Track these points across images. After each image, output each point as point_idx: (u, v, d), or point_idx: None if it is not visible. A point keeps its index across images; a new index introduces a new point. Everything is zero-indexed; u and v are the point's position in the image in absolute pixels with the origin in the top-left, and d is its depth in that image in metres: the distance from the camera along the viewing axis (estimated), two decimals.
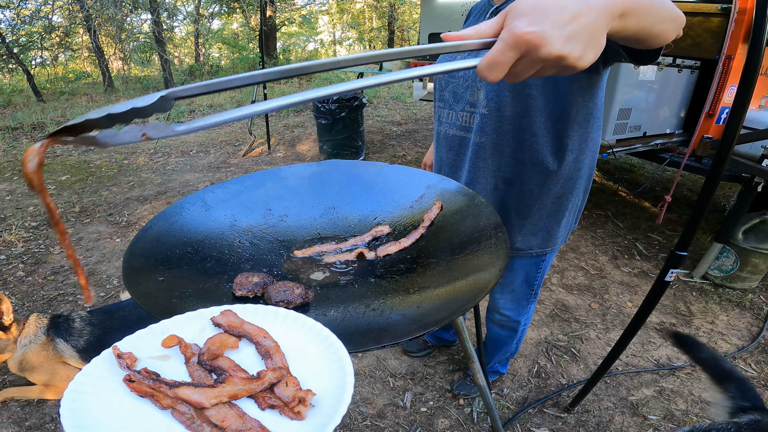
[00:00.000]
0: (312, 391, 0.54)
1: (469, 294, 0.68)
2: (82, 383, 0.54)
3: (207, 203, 1.01)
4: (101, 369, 0.57)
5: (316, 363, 0.59)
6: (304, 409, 0.52)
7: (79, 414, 0.49)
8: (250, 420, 0.51)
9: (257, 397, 0.54)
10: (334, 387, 0.54)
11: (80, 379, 0.54)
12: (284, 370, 0.58)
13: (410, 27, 20.21)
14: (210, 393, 0.53)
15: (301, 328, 0.64)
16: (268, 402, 0.54)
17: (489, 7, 1.21)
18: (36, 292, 2.60)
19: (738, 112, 1.06)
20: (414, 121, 7.17)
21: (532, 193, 1.22)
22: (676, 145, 3.02)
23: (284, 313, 0.66)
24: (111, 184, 4.40)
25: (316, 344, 0.61)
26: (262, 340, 0.62)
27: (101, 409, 0.52)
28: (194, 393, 0.53)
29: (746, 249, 2.55)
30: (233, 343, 0.62)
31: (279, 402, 0.54)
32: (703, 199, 1.17)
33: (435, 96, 1.33)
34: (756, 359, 2.13)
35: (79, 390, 0.53)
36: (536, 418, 1.81)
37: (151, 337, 0.63)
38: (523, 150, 1.16)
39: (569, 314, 2.45)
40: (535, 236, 1.31)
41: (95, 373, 0.56)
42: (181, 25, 16.55)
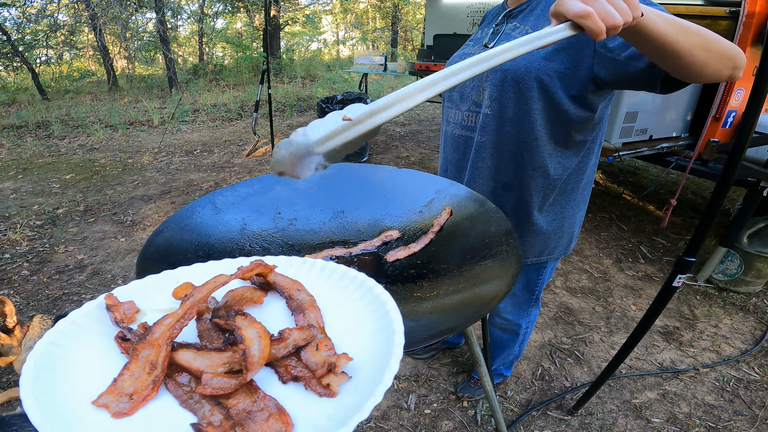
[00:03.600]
0: (348, 355, 0.42)
1: (481, 301, 0.68)
2: (61, 333, 0.43)
3: (217, 206, 1.01)
4: (91, 318, 0.46)
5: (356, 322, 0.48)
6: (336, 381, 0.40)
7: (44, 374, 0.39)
8: (263, 398, 0.40)
9: (278, 366, 0.43)
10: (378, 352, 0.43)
11: (61, 328, 0.43)
12: (317, 329, 0.47)
13: (414, 27, 20.19)
14: (216, 358, 0.42)
15: (341, 280, 0.54)
16: (291, 373, 0.43)
17: (502, 10, 1.21)
18: (41, 291, 2.62)
19: (750, 117, 1.05)
20: (418, 122, 7.17)
21: (531, 200, 1.21)
22: (682, 149, 3.01)
23: (322, 263, 0.56)
24: (115, 183, 4.41)
25: (357, 298, 0.51)
26: (296, 294, 0.52)
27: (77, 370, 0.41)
28: (196, 358, 0.42)
29: (751, 253, 2.55)
30: (258, 297, 0.52)
31: (305, 372, 0.42)
32: (713, 205, 1.16)
33: (444, 96, 1.34)
34: (759, 363, 2.13)
35: (54, 342, 0.42)
36: (540, 420, 1.81)
37: (163, 284, 0.53)
38: (523, 153, 1.15)
39: (573, 317, 2.45)
40: (532, 246, 1.29)
41: (82, 322, 0.46)
42: (185, 24, 16.58)
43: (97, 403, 0.38)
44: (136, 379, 0.40)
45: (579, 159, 1.20)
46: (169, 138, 6.23)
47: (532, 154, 1.15)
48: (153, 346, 0.42)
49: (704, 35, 0.74)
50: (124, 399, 0.39)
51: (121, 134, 6.45)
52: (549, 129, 1.12)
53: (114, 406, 0.38)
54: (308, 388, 0.41)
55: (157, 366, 0.41)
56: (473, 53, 1.21)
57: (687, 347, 2.23)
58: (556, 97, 1.06)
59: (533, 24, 1.07)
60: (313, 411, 0.39)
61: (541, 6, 1.08)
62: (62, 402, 0.38)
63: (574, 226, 1.34)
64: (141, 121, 7.20)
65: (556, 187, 1.21)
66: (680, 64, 0.76)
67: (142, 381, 0.40)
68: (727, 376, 2.05)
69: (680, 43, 0.72)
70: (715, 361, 2.14)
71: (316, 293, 0.52)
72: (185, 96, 9.29)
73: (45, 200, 3.97)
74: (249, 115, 7.53)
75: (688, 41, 0.72)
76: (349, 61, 13.26)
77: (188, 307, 0.46)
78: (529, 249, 1.30)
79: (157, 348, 0.42)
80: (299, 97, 9.07)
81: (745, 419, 1.82)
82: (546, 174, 1.18)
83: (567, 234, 1.33)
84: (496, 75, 1.09)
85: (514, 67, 1.05)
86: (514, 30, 1.12)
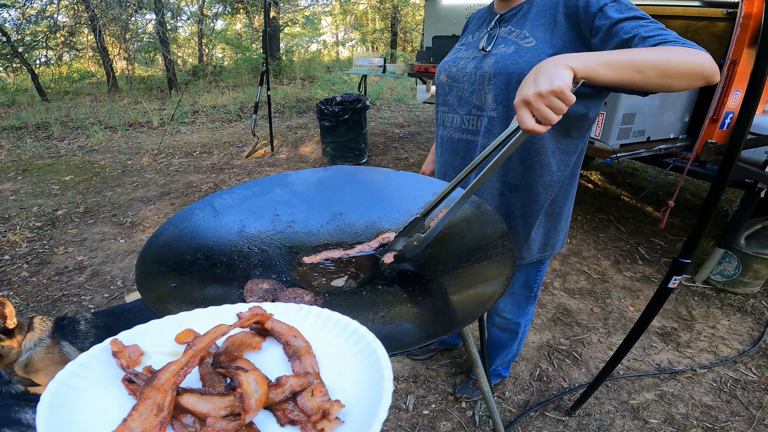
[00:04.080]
0: (340, 402, 0.46)
1: (476, 303, 0.69)
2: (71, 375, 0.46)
3: (216, 209, 1.02)
4: (98, 360, 0.49)
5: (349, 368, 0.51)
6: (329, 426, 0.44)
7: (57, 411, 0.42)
8: None
9: (276, 409, 0.47)
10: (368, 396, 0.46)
11: (71, 370, 0.47)
12: (313, 375, 0.50)
13: (413, 29, 20.22)
14: (219, 402, 0.46)
15: (334, 327, 0.57)
16: (289, 416, 0.46)
17: (491, 15, 1.22)
18: (40, 292, 2.62)
19: (745, 118, 1.06)
20: (417, 124, 7.18)
21: (539, 198, 1.23)
22: (680, 150, 3.02)
23: (318, 311, 0.59)
24: (115, 185, 4.42)
25: (350, 345, 0.54)
26: (292, 340, 0.55)
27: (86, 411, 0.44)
28: (200, 402, 0.46)
29: (748, 254, 2.56)
30: (257, 343, 0.55)
31: (302, 416, 0.45)
32: (708, 206, 1.17)
33: (438, 101, 1.35)
34: (757, 363, 2.14)
35: (65, 383, 0.45)
36: (537, 421, 1.82)
37: (166, 328, 0.56)
38: (530, 154, 1.18)
39: (571, 318, 2.45)
40: (536, 243, 1.33)
41: (90, 364, 0.49)
42: (185, 25, 16.60)
43: None
44: (144, 420, 0.43)
45: (576, 155, 1.23)
46: (169, 139, 6.24)
47: (539, 153, 1.17)
48: (159, 391, 0.45)
49: (660, 66, 0.81)
50: None
51: (120, 135, 6.46)
52: (554, 129, 1.14)
53: None
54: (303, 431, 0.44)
55: (164, 408, 0.44)
56: (467, 57, 1.22)
57: (684, 348, 2.23)
58: None
59: (530, 29, 1.09)
60: None
61: (533, 10, 1.10)
62: None
63: (568, 221, 1.39)
64: (140, 123, 7.21)
65: (559, 184, 1.24)
66: (665, 88, 0.84)
67: (150, 421, 0.43)
68: (724, 376, 2.05)
69: (634, 80, 0.81)
70: (713, 361, 2.15)
71: (311, 339, 0.55)
72: (185, 97, 9.30)
73: (44, 202, 3.98)
74: (248, 116, 7.54)
75: (642, 77, 0.81)
76: (349, 63, 13.27)
77: (191, 356, 0.49)
78: (534, 246, 1.33)
79: (164, 393, 0.45)
80: (299, 99, 9.08)
81: (743, 420, 1.83)
82: (551, 172, 1.20)
83: (564, 229, 1.38)
84: (500, 78, 1.11)
85: (519, 71, 1.07)
86: (510, 34, 1.13)
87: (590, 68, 0.77)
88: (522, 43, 1.09)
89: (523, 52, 1.08)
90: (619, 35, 0.93)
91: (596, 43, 0.99)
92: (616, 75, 0.79)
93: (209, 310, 0.59)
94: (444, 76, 1.27)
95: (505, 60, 1.10)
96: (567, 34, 1.05)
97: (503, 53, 1.10)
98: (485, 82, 1.15)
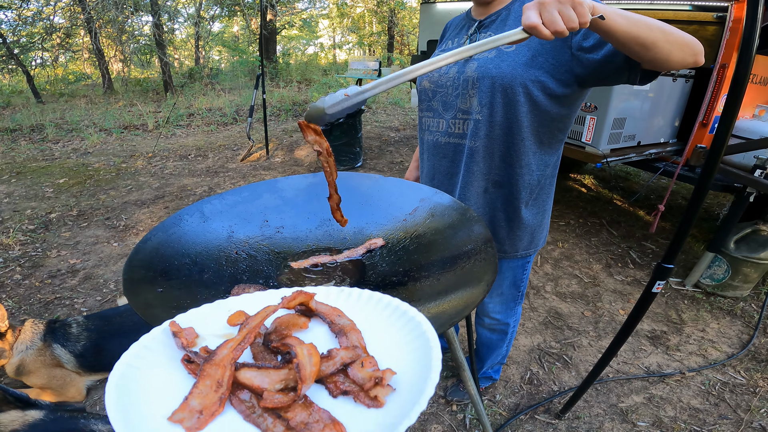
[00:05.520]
0: (392, 369, 0.47)
1: (458, 307, 0.70)
2: (136, 356, 0.49)
3: (205, 214, 1.03)
4: (159, 342, 0.52)
5: (395, 342, 0.53)
6: (382, 392, 0.44)
7: (124, 392, 0.44)
8: (318, 411, 0.44)
9: (328, 382, 0.48)
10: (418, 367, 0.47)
11: (135, 352, 0.49)
12: (360, 349, 0.51)
13: (410, 32, 20.31)
14: (274, 376, 0.48)
15: (376, 306, 0.59)
16: (341, 387, 0.47)
17: (470, 21, 1.25)
18: (33, 295, 2.62)
19: (726, 122, 1.08)
20: (412, 127, 7.20)
21: (521, 195, 1.27)
22: (670, 155, 3.05)
23: (358, 292, 0.62)
24: (109, 188, 4.42)
25: (394, 320, 0.56)
26: (337, 319, 0.57)
27: (149, 390, 0.46)
28: (257, 376, 0.48)
29: (738, 258, 2.59)
30: (303, 323, 0.57)
31: (353, 386, 0.46)
32: (691, 211, 1.19)
33: (421, 107, 1.37)
34: (745, 366, 2.16)
35: (131, 364, 0.48)
36: (528, 424, 1.83)
37: (218, 313, 0.59)
38: (511, 153, 1.22)
39: (562, 322, 2.47)
40: (521, 239, 1.36)
41: (152, 346, 0.51)
42: (181, 27, 16.60)
43: (172, 419, 0.43)
44: (205, 397, 0.45)
45: (556, 156, 1.28)
46: (164, 142, 6.24)
47: (520, 153, 1.21)
48: (219, 366, 0.47)
49: (664, 29, 0.85)
50: (195, 415, 0.43)
51: (115, 138, 6.45)
52: (534, 129, 1.19)
53: (187, 422, 0.42)
54: (357, 401, 0.45)
55: (223, 384, 0.46)
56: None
57: (674, 351, 2.26)
58: (539, 100, 1.13)
59: None
60: (362, 421, 0.43)
61: (512, 16, 1.14)
62: (142, 417, 0.42)
63: (549, 218, 1.43)
64: (135, 125, 7.20)
65: (540, 182, 1.28)
66: (648, 55, 0.87)
67: (210, 398, 0.45)
68: (713, 380, 2.07)
69: (643, 37, 0.84)
70: (702, 365, 2.17)
71: (354, 318, 0.58)
72: (180, 100, 9.30)
73: (38, 204, 3.97)
74: (244, 119, 7.55)
75: (650, 35, 0.84)
76: (346, 66, 13.29)
77: (246, 332, 0.52)
78: (518, 243, 1.37)
79: (223, 368, 0.47)
80: (295, 102, 9.10)
81: (730, 423, 1.84)
82: (531, 171, 1.24)
83: (546, 226, 1.42)
84: (484, 82, 1.14)
85: (501, 75, 1.11)
86: None
87: (608, 10, 0.79)
88: (503, 48, 1.12)
89: (504, 56, 1.11)
90: None
91: (578, 39, 1.03)
92: (629, 26, 0.82)
93: (255, 295, 0.62)
94: (426, 82, 1.29)
95: (487, 64, 1.13)
96: None
97: (485, 58, 1.13)
98: (469, 86, 1.17)
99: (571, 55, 1.05)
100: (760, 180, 2.38)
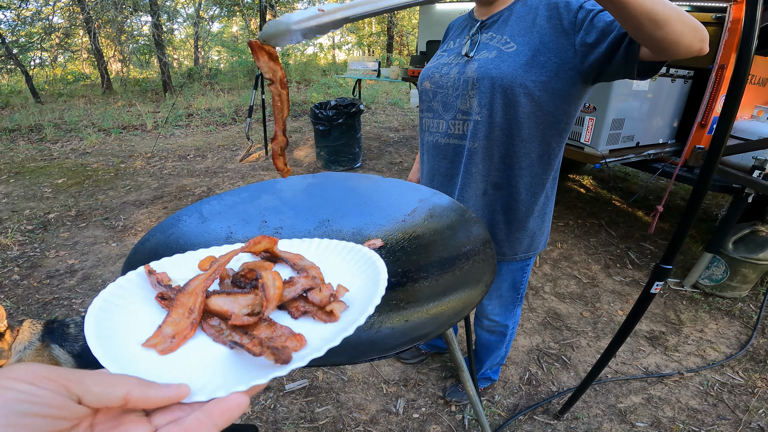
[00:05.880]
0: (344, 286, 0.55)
1: (456, 308, 0.70)
2: (112, 294, 0.53)
3: (203, 215, 1.03)
4: (134, 284, 0.56)
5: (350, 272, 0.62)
6: (337, 307, 0.52)
7: (102, 323, 0.48)
8: (280, 327, 0.50)
9: (290, 306, 0.54)
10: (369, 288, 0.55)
11: (111, 290, 0.53)
12: (319, 279, 0.59)
13: (409, 32, 20.32)
14: (242, 300, 0.53)
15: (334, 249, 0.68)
16: (301, 309, 0.53)
17: (472, 21, 1.25)
18: (31, 295, 2.61)
19: (725, 122, 1.08)
20: (411, 128, 7.21)
21: (520, 197, 1.27)
22: (669, 155, 3.06)
23: (318, 241, 0.70)
24: (107, 188, 4.41)
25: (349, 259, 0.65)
26: (299, 261, 0.63)
27: (126, 321, 0.50)
28: (226, 302, 0.52)
29: (736, 259, 2.59)
30: (268, 265, 0.62)
31: (312, 307, 0.53)
32: (689, 212, 1.20)
33: (422, 107, 1.37)
34: (744, 367, 2.16)
35: (108, 300, 0.51)
36: (526, 425, 1.83)
37: (189, 260, 0.63)
38: (511, 155, 1.21)
39: (561, 322, 2.48)
40: (521, 242, 1.35)
41: (127, 286, 0.55)
42: (180, 27, 16.60)
43: (146, 344, 0.47)
44: (177, 324, 0.49)
45: (557, 157, 1.27)
46: (163, 142, 6.24)
47: (520, 155, 1.20)
48: (191, 295, 0.52)
49: (677, 9, 0.82)
50: (168, 339, 0.47)
51: (114, 138, 6.45)
52: (534, 131, 1.18)
53: (160, 346, 0.46)
54: (315, 318, 0.52)
55: (195, 310, 0.51)
56: (449, 63, 1.25)
57: (672, 352, 2.26)
58: (542, 100, 1.12)
59: (510, 34, 1.13)
60: (320, 331, 0.50)
61: (513, 16, 1.14)
62: (117, 344, 0.46)
63: (550, 220, 1.42)
64: (134, 125, 7.20)
65: (543, 183, 1.27)
66: (659, 34, 0.82)
67: (182, 324, 0.49)
68: (711, 380, 2.08)
69: (659, 12, 0.79)
70: (700, 365, 2.17)
71: (314, 261, 0.65)
72: (179, 100, 9.29)
73: (36, 205, 3.96)
74: (243, 119, 7.55)
75: (665, 11, 0.80)
76: (345, 66, 13.29)
77: (216, 267, 0.58)
78: (517, 245, 1.36)
79: (195, 295, 0.52)
80: (294, 102, 9.09)
81: (729, 423, 1.85)
82: (532, 173, 1.24)
83: (546, 229, 1.41)
84: (484, 83, 1.14)
85: (501, 75, 1.11)
86: (491, 39, 1.16)
87: None
88: (503, 48, 1.12)
89: (504, 56, 1.11)
90: (602, 20, 0.98)
91: (582, 35, 1.03)
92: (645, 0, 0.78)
93: (224, 246, 0.68)
94: (428, 82, 1.29)
95: (488, 65, 1.13)
96: (546, 35, 1.08)
97: (486, 58, 1.13)
98: (469, 86, 1.17)
99: (575, 51, 1.05)
100: (758, 181, 2.38)
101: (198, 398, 0.36)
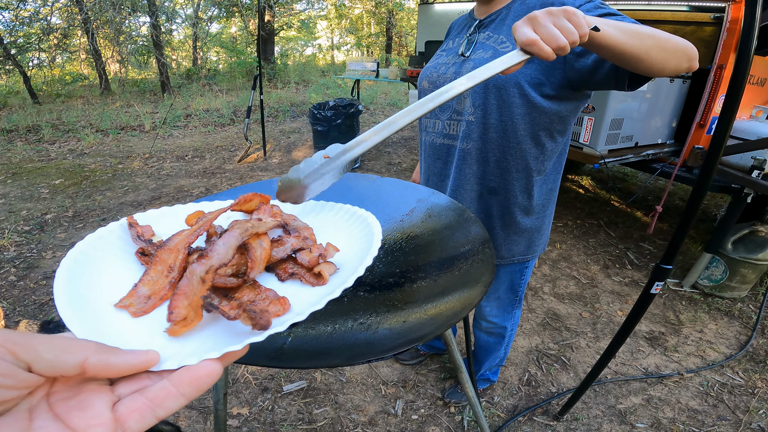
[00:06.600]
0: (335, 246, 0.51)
1: (454, 309, 0.70)
2: (90, 245, 0.48)
3: None
4: (115, 236, 0.52)
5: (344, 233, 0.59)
6: (326, 269, 0.47)
7: (75, 277, 0.44)
8: (265, 290, 0.46)
9: (277, 268, 0.50)
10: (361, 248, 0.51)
11: (89, 241, 0.49)
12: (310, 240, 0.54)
13: (408, 33, 20.34)
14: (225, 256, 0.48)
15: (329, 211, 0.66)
16: (288, 271, 0.49)
17: (471, 21, 1.24)
18: (27, 296, 2.60)
19: (725, 122, 1.07)
20: (410, 128, 7.20)
21: (516, 200, 1.25)
22: (668, 156, 3.05)
23: (313, 203, 0.67)
24: (105, 189, 4.40)
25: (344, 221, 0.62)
26: (292, 221, 0.60)
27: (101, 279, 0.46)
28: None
29: (735, 259, 2.59)
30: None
31: (300, 269, 0.49)
32: (689, 212, 1.19)
33: None
34: (744, 367, 2.15)
35: (84, 252, 0.47)
36: (526, 426, 1.82)
37: (177, 213, 0.59)
38: (507, 157, 1.19)
39: (560, 323, 2.47)
40: (518, 244, 1.34)
41: (108, 237, 0.51)
42: (179, 28, 16.59)
43: (118, 305, 0.43)
44: (155, 283, 0.45)
45: (556, 158, 1.25)
46: (161, 143, 6.22)
47: (516, 157, 1.19)
48: (172, 251, 0.47)
49: (657, 37, 0.81)
50: (143, 300, 0.43)
51: (111, 139, 6.43)
52: (531, 132, 1.16)
53: (134, 307, 0.43)
54: (303, 281, 0.48)
55: (174, 269, 0.46)
56: (447, 63, 1.23)
57: (672, 352, 2.25)
58: (537, 100, 1.10)
59: (507, 34, 1.11)
60: (306, 295, 0.46)
61: (511, 15, 1.12)
62: (89, 303, 0.42)
63: (550, 223, 1.40)
64: (132, 126, 7.18)
65: (539, 186, 1.26)
66: (642, 66, 0.82)
67: (160, 283, 0.45)
68: (711, 380, 2.07)
69: (636, 48, 0.78)
70: (700, 366, 2.16)
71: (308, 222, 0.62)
72: (178, 101, 9.28)
73: (33, 205, 3.95)
74: (241, 120, 7.54)
75: (644, 45, 0.79)
76: (344, 66, 13.29)
77: (203, 223, 0.52)
78: (515, 248, 1.34)
79: (176, 252, 0.47)
80: (292, 103, 9.09)
81: (729, 424, 1.84)
82: (529, 176, 1.22)
83: (546, 230, 1.39)
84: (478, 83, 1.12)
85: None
86: (488, 39, 1.15)
87: (599, 21, 0.73)
88: (499, 48, 1.10)
89: (499, 55, 1.10)
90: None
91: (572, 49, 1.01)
92: (620, 36, 0.76)
93: (215, 202, 0.64)
94: (426, 82, 1.28)
95: (482, 64, 1.11)
96: None
97: (481, 58, 1.12)
98: None
99: (564, 59, 1.04)
100: (757, 181, 2.38)
101: (167, 366, 0.33)
